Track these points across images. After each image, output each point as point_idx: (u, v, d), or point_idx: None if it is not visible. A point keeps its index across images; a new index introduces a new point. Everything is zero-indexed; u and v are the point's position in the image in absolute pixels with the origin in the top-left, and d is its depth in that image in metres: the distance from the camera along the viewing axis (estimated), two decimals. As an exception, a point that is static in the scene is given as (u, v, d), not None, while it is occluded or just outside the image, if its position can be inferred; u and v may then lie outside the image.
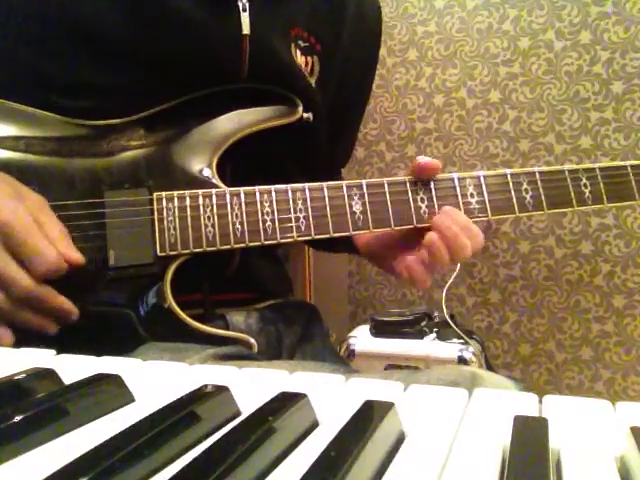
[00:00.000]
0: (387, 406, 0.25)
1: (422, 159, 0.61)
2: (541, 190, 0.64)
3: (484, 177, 0.64)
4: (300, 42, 0.68)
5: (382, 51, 1.88)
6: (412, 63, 1.88)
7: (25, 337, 0.51)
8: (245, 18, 0.62)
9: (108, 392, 0.29)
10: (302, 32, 0.68)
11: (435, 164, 0.61)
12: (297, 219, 0.59)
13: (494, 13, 1.78)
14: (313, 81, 0.70)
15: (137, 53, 0.61)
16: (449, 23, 1.83)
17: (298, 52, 0.68)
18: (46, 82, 0.61)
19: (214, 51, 0.63)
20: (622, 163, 0.67)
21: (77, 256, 0.52)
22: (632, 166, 0.67)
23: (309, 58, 0.69)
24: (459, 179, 0.63)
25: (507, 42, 1.77)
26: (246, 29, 0.62)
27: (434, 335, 1.49)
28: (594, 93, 1.70)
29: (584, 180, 0.66)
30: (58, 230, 0.52)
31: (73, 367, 0.34)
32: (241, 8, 0.62)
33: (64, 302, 0.51)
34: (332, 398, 0.29)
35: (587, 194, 0.66)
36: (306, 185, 0.60)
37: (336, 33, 0.72)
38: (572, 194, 0.65)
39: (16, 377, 0.30)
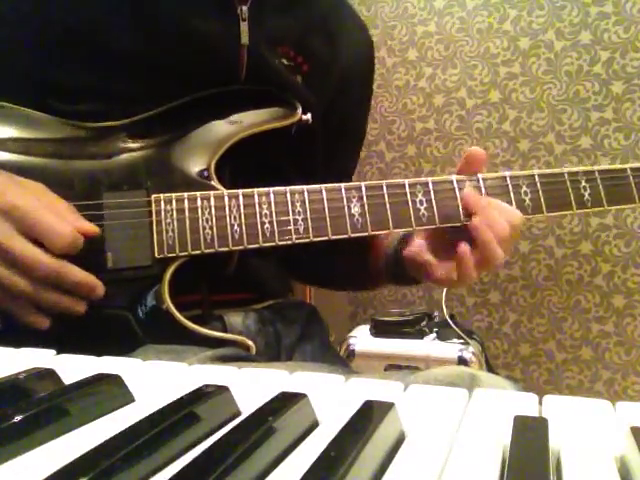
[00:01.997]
0: (387, 406, 0.25)
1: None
2: (540, 193, 0.64)
3: (483, 179, 0.64)
4: (284, 60, 0.68)
5: (382, 51, 1.89)
6: (412, 63, 1.88)
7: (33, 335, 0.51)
8: (244, 28, 0.62)
9: (108, 392, 0.29)
10: (289, 51, 0.68)
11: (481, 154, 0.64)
12: (295, 221, 0.59)
13: (494, 13, 1.78)
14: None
15: (136, 58, 0.61)
16: (449, 23, 1.83)
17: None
18: (44, 86, 0.61)
19: (213, 59, 0.63)
20: (622, 166, 0.67)
21: (91, 227, 0.53)
22: (632, 169, 0.67)
23: (292, 77, 0.69)
24: (458, 181, 0.63)
25: (507, 42, 1.78)
26: (245, 39, 0.62)
27: (434, 335, 1.50)
28: (594, 93, 1.70)
29: (583, 183, 0.65)
30: (66, 207, 0.53)
31: (73, 367, 0.34)
32: (241, 17, 0.62)
33: (87, 276, 0.52)
34: (332, 398, 0.29)
35: (586, 197, 0.65)
36: (305, 187, 0.60)
37: (331, 57, 0.72)
38: (571, 197, 0.65)
39: (16, 377, 0.30)
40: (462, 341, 1.44)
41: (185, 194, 0.57)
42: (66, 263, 0.51)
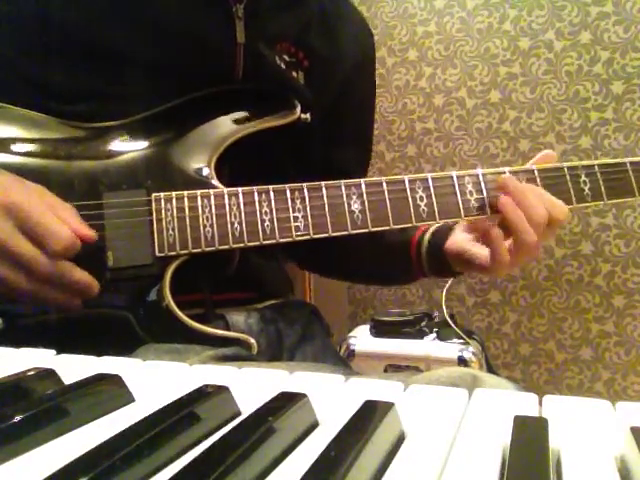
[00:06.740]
0: (387, 406, 0.25)
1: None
2: (540, 187, 0.64)
3: (483, 175, 0.64)
4: (285, 56, 0.68)
5: (382, 51, 1.89)
6: (412, 63, 1.88)
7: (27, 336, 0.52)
8: (240, 26, 0.62)
9: (108, 392, 0.29)
10: (289, 47, 0.68)
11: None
12: (296, 219, 0.59)
13: (494, 13, 1.78)
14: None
15: (133, 58, 0.61)
16: (449, 23, 1.83)
17: (283, 65, 0.68)
18: (44, 87, 0.61)
19: (209, 58, 0.63)
20: (621, 160, 0.67)
21: (89, 233, 0.53)
22: (631, 162, 0.67)
23: (294, 73, 0.69)
24: (458, 177, 0.63)
25: (507, 42, 1.78)
26: (241, 38, 0.62)
27: (434, 335, 1.50)
28: (594, 93, 1.70)
29: (583, 177, 0.65)
30: (67, 210, 0.53)
31: (73, 367, 0.34)
32: (236, 16, 0.62)
33: (83, 276, 0.53)
34: (332, 398, 0.29)
35: (586, 191, 0.65)
36: (304, 185, 0.60)
37: (332, 51, 0.72)
38: (571, 191, 0.65)
39: (16, 377, 0.30)
40: (462, 341, 1.44)
41: (185, 193, 0.57)
42: (64, 262, 0.51)
